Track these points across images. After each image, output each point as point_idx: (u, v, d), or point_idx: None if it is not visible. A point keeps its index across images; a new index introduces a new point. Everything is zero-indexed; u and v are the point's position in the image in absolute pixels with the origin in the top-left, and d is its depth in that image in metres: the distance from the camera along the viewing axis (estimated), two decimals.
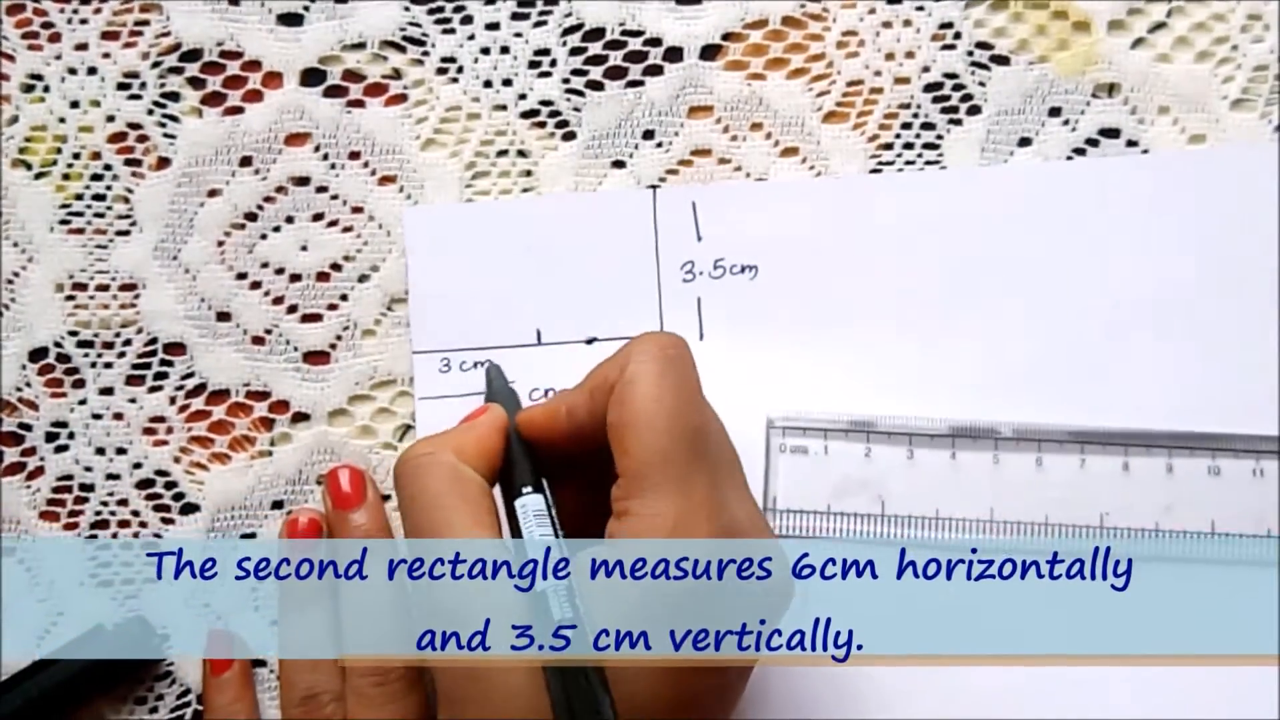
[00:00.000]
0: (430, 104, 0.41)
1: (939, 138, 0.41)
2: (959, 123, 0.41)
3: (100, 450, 0.41)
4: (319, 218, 0.41)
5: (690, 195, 0.40)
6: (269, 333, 0.41)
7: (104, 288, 0.41)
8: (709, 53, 0.41)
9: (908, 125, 0.41)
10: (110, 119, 0.41)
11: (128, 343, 0.41)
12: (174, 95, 0.41)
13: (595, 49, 0.41)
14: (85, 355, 0.41)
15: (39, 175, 0.41)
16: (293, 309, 0.41)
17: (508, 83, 0.41)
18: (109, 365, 0.41)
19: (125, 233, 0.41)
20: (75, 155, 0.41)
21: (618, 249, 0.40)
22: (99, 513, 0.41)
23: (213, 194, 0.41)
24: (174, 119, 0.41)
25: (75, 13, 0.41)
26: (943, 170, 0.40)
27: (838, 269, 0.40)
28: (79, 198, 0.41)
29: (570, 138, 0.41)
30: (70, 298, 0.41)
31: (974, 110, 0.41)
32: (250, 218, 0.41)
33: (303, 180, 0.41)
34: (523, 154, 0.41)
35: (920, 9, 0.41)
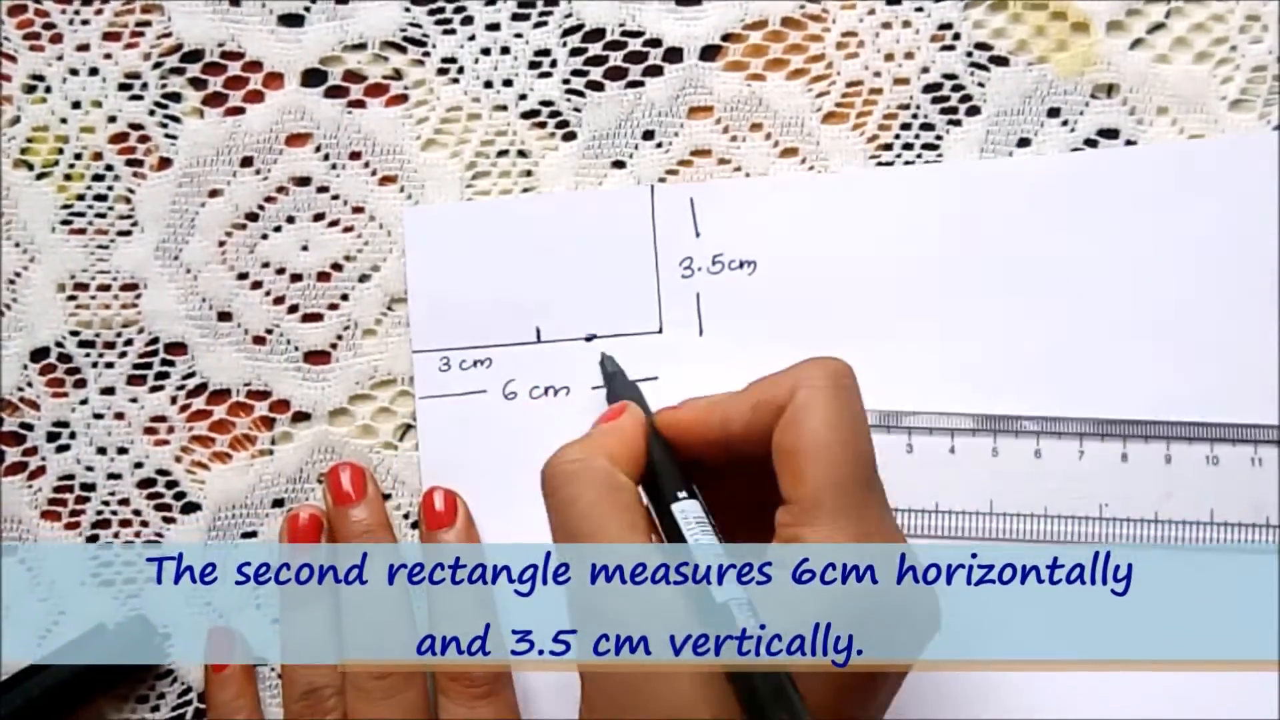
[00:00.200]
0: (431, 104, 0.41)
1: (938, 138, 0.41)
2: (958, 123, 0.41)
3: (101, 450, 0.41)
4: (320, 218, 0.41)
5: (688, 191, 0.40)
6: (270, 332, 0.41)
7: (105, 288, 0.41)
8: (709, 53, 0.41)
9: (907, 126, 0.41)
10: (112, 119, 0.41)
11: (129, 342, 0.41)
12: (175, 96, 0.41)
13: (595, 49, 0.41)
14: (86, 355, 0.41)
15: (41, 175, 0.41)
16: (293, 309, 0.41)
17: (508, 83, 0.41)
18: (110, 365, 0.41)
19: (127, 233, 0.41)
20: (77, 156, 0.41)
21: (616, 246, 0.40)
22: (100, 512, 0.41)
23: (214, 194, 0.41)
24: (175, 119, 0.41)
25: (77, 13, 0.41)
26: (941, 164, 0.40)
27: (836, 263, 0.40)
28: (80, 198, 0.41)
29: (570, 138, 0.41)
30: (72, 298, 0.41)
31: (973, 111, 0.41)
32: (251, 218, 0.41)
33: (303, 180, 0.41)
34: (523, 154, 0.41)
35: (919, 10, 0.41)
